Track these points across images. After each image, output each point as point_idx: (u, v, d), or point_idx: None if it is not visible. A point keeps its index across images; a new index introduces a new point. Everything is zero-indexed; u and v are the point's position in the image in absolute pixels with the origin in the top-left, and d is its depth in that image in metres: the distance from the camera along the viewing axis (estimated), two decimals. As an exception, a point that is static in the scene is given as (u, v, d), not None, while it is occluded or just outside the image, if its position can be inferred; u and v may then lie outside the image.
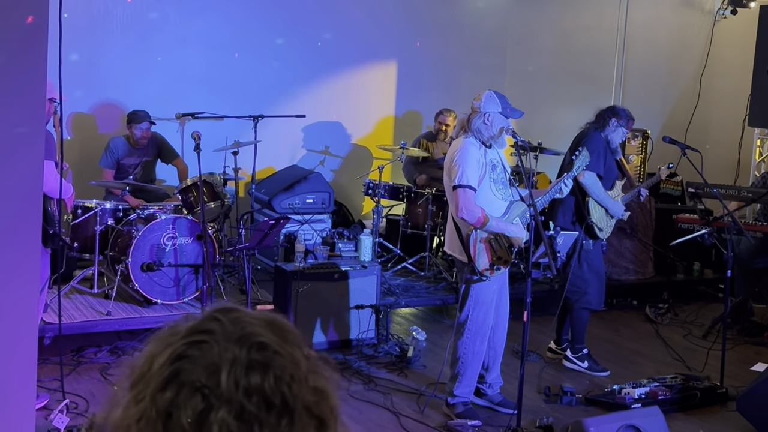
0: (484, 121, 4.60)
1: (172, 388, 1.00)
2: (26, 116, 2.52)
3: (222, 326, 1.04)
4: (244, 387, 0.98)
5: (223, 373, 0.99)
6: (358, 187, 7.59)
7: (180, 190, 6.31)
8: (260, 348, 1.02)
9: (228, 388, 0.98)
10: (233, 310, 1.08)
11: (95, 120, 7.15)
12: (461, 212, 4.48)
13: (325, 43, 7.93)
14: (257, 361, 1.00)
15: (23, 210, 2.58)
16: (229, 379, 0.98)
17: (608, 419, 4.23)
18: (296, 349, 1.05)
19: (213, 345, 1.01)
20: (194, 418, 0.98)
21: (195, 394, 0.99)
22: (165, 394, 1.00)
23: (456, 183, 4.50)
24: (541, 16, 8.84)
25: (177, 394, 0.99)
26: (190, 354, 1.01)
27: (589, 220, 5.51)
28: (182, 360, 1.01)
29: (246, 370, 0.99)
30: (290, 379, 1.00)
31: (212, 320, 1.05)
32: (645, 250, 7.63)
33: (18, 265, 2.60)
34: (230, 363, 1.00)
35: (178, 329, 1.06)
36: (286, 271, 5.79)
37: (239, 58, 7.58)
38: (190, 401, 0.98)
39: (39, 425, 3.95)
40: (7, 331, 2.58)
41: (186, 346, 1.02)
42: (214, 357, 1.00)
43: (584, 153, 5.03)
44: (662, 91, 9.54)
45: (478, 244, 4.59)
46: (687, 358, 5.97)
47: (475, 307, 4.70)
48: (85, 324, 5.47)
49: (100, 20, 6.99)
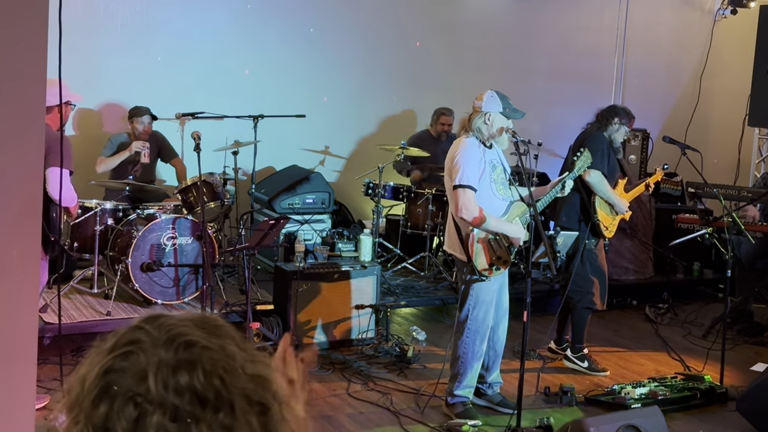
0: (484, 120, 4.61)
1: (105, 403, 0.99)
2: (26, 116, 2.52)
3: (147, 334, 1.04)
4: (174, 387, 0.98)
5: (150, 377, 0.98)
6: (358, 187, 7.58)
7: (180, 190, 6.31)
8: (187, 346, 1.01)
9: (157, 391, 0.98)
10: (159, 317, 1.08)
11: (95, 120, 7.16)
12: (461, 212, 4.49)
13: (325, 43, 7.93)
14: (184, 360, 1.00)
15: (23, 210, 2.58)
16: (158, 382, 0.98)
17: (608, 419, 4.23)
18: (228, 342, 1.04)
19: (139, 353, 1.01)
20: (129, 427, 0.97)
21: (127, 403, 0.98)
22: (98, 410, 0.99)
23: (456, 183, 4.51)
24: (541, 16, 8.84)
25: (110, 408, 0.99)
26: (118, 366, 1.01)
27: (595, 218, 5.52)
28: (111, 373, 1.01)
29: (173, 370, 0.99)
30: (223, 372, 1.00)
31: (137, 330, 1.05)
32: (645, 250, 7.63)
33: (18, 264, 2.60)
34: (156, 366, 0.99)
35: (104, 346, 1.06)
36: (286, 271, 5.79)
37: (239, 57, 7.58)
38: (123, 412, 0.98)
39: (39, 425, 3.95)
40: (7, 331, 2.58)
41: (113, 360, 1.02)
42: (141, 364, 1.00)
43: (585, 154, 5.04)
44: (662, 91, 9.54)
45: (476, 244, 4.59)
46: (687, 358, 5.97)
47: (474, 306, 4.70)
48: (85, 324, 5.47)
49: (100, 20, 6.99)
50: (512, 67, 8.66)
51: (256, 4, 7.63)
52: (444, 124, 7.66)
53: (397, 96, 8.35)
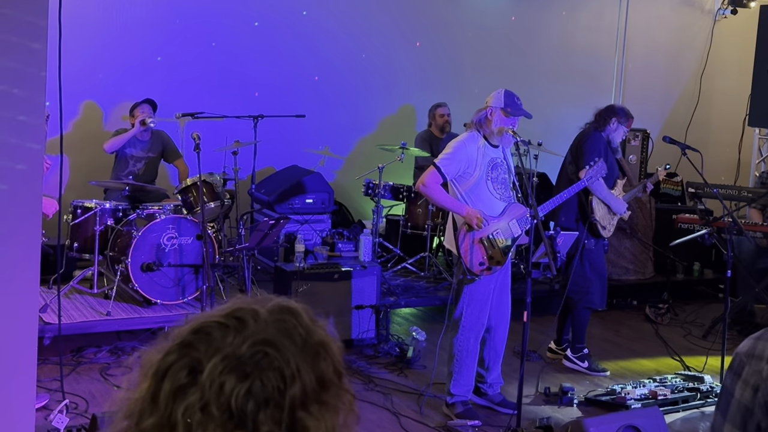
0: (487, 116, 4.64)
1: (177, 353, 1.01)
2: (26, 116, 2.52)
3: (255, 320, 1.03)
4: (219, 384, 0.98)
5: (212, 361, 0.99)
6: (358, 187, 7.58)
7: (180, 190, 6.31)
8: (262, 356, 0.99)
9: (207, 378, 0.98)
10: (288, 310, 1.06)
11: (95, 119, 7.15)
12: (419, 185, 4.69)
13: (325, 43, 7.93)
14: (244, 366, 0.98)
15: (23, 210, 2.58)
16: (213, 371, 0.98)
17: (608, 419, 4.22)
18: (306, 370, 1.00)
19: (229, 333, 1.01)
20: (174, 389, 0.99)
21: (186, 368, 0.99)
22: (170, 356, 1.01)
23: (435, 160, 4.68)
24: (542, 16, 8.84)
25: (176, 361, 1.00)
26: (207, 332, 1.02)
27: (593, 218, 5.52)
28: (200, 333, 1.02)
29: (229, 370, 0.98)
30: (263, 402, 0.98)
31: (253, 313, 1.04)
32: (645, 250, 7.63)
33: (18, 265, 2.60)
34: (223, 356, 0.99)
35: (225, 305, 1.06)
36: (286, 271, 5.78)
37: (239, 57, 7.58)
38: (179, 373, 0.99)
39: (39, 425, 3.95)
40: (7, 331, 2.58)
41: (214, 324, 1.03)
42: (219, 343, 1.00)
43: (600, 164, 5.04)
44: (662, 91, 9.54)
45: (469, 244, 4.60)
46: (687, 358, 5.97)
47: (468, 304, 4.71)
48: (84, 324, 5.47)
49: (100, 20, 6.99)
50: (512, 67, 8.66)
51: (256, 4, 7.63)
52: (443, 116, 7.67)
53: (398, 96, 8.35)
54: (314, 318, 1.09)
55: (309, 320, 1.07)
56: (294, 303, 1.08)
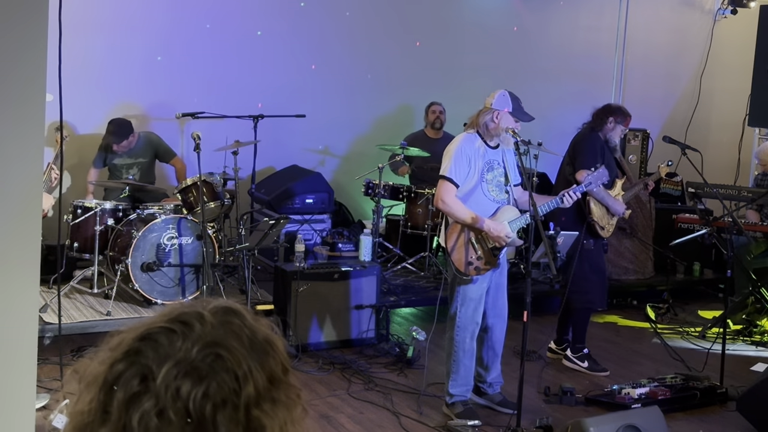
0: (492, 118, 4.65)
1: (125, 361, 1.01)
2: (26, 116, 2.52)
3: (201, 324, 1.03)
4: (174, 389, 0.98)
5: (165, 366, 0.99)
6: (358, 187, 7.58)
7: (180, 190, 6.31)
8: (214, 359, 1.00)
9: (161, 384, 0.98)
10: (235, 313, 1.06)
11: (95, 119, 7.14)
12: (438, 202, 4.65)
13: (324, 44, 7.93)
14: (198, 369, 0.99)
15: (23, 209, 2.58)
16: (167, 377, 0.98)
17: (608, 419, 4.23)
18: (257, 372, 1.01)
19: (178, 338, 1.01)
20: (127, 398, 0.99)
21: (137, 376, 0.99)
22: (118, 365, 1.01)
23: (441, 173, 4.64)
24: (542, 16, 8.84)
25: (125, 370, 1.00)
26: (157, 338, 1.02)
27: (590, 218, 5.51)
28: (146, 340, 1.02)
29: (184, 374, 0.98)
30: (220, 403, 0.98)
31: (197, 315, 1.04)
32: (645, 250, 7.63)
33: (18, 264, 2.60)
34: (176, 361, 0.99)
35: (166, 311, 1.06)
36: (286, 271, 5.78)
37: (239, 57, 7.58)
38: (131, 381, 0.99)
39: (39, 425, 3.95)
40: (7, 331, 2.58)
41: (159, 330, 1.03)
42: (169, 349, 1.00)
43: (602, 170, 5.03)
44: (662, 91, 9.54)
45: (460, 243, 4.61)
46: (687, 358, 5.97)
47: (462, 303, 4.72)
48: (85, 324, 5.48)
49: (100, 20, 6.99)
50: (512, 67, 8.66)
51: (256, 4, 7.63)
52: (435, 112, 7.70)
53: (398, 96, 8.35)
54: (255, 316, 1.09)
55: (252, 319, 1.08)
56: (235, 303, 1.09)
